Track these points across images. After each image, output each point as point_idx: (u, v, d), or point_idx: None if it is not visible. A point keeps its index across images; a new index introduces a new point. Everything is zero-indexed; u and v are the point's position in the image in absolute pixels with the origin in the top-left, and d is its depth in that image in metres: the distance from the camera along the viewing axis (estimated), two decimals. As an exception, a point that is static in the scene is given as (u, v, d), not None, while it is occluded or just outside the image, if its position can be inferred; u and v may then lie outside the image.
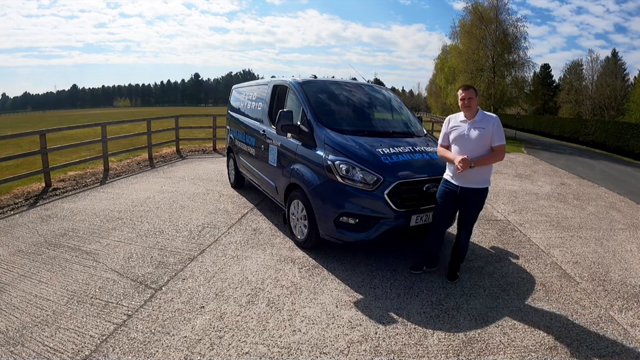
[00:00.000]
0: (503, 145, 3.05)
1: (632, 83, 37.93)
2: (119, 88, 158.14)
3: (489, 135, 3.01)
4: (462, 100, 3.07)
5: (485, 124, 3.02)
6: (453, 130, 3.16)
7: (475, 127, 3.03)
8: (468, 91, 3.06)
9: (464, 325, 2.73)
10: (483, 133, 3.01)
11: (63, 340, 2.43)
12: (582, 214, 5.80)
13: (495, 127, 3.01)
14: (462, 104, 3.08)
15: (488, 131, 3.01)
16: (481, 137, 3.01)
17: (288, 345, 2.45)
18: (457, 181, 3.11)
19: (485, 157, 3.03)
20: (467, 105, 3.04)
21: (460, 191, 3.10)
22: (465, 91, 3.07)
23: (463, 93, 3.07)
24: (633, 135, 18.81)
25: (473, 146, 3.03)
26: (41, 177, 6.61)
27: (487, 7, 23.81)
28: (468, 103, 3.04)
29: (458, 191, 3.11)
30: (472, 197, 3.12)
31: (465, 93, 3.06)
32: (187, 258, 3.69)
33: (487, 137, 3.01)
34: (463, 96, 3.06)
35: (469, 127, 3.06)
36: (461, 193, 3.10)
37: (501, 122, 3.15)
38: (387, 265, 3.65)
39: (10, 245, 3.93)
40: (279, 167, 4.37)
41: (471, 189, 3.08)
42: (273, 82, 5.09)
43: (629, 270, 3.79)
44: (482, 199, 3.20)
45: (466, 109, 3.08)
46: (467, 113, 3.09)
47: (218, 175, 7.54)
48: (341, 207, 3.39)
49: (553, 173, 9.84)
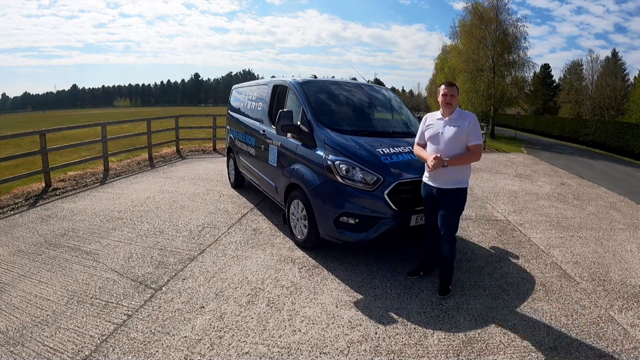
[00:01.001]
0: (480, 144, 2.96)
1: (632, 83, 37.89)
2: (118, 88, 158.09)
3: (464, 133, 2.91)
4: (444, 96, 2.97)
5: (461, 122, 2.93)
6: (429, 128, 3.06)
7: (451, 124, 2.94)
8: (452, 88, 2.99)
9: (464, 324, 2.73)
10: (458, 131, 2.91)
11: (63, 340, 2.43)
12: (582, 214, 5.80)
13: (472, 126, 2.92)
14: (443, 100, 2.98)
15: (464, 129, 2.91)
16: (456, 136, 2.91)
17: (288, 344, 2.45)
18: (433, 182, 3.01)
19: (459, 156, 2.93)
20: (448, 102, 2.96)
21: (436, 192, 3.00)
22: (449, 87, 2.99)
23: (446, 88, 2.98)
24: (633, 135, 18.83)
25: (448, 144, 2.93)
26: (41, 177, 6.61)
27: (486, 7, 23.78)
28: (449, 99, 2.96)
29: (434, 192, 3.01)
30: (448, 198, 2.97)
31: (448, 89, 2.98)
32: (187, 258, 3.69)
33: (463, 135, 2.92)
34: (446, 92, 2.97)
35: (445, 124, 2.97)
36: (438, 194, 2.99)
37: (501, 122, 3.13)
38: (387, 265, 3.65)
39: (10, 245, 3.93)
40: (278, 166, 4.37)
41: (447, 189, 2.95)
42: (272, 82, 5.09)
43: (629, 270, 3.79)
44: (459, 201, 3.03)
45: (446, 106, 2.98)
46: (445, 110, 3.00)
47: (218, 175, 7.54)
48: (341, 206, 3.39)
49: (553, 172, 9.84)
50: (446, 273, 3.16)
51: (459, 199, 3.02)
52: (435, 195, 3.01)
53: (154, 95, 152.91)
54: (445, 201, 2.98)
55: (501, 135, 25.78)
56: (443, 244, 3.04)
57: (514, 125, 29.18)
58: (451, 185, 2.95)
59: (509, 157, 13.13)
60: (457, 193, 2.99)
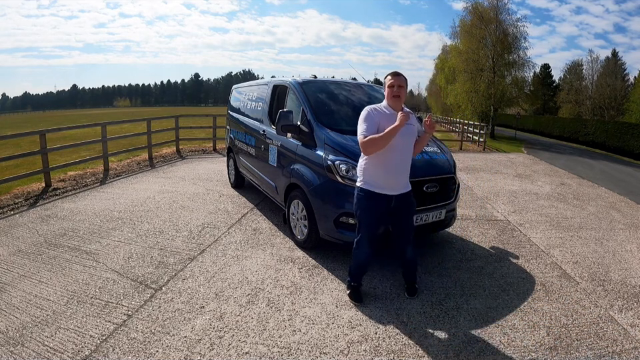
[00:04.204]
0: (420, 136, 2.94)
1: (632, 83, 37.88)
2: (118, 88, 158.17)
3: (414, 131, 2.86)
4: (391, 87, 2.69)
5: (412, 120, 2.79)
6: (386, 123, 2.63)
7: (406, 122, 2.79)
8: (400, 78, 2.70)
9: (464, 324, 2.73)
10: (412, 129, 2.79)
11: (63, 340, 2.43)
12: (582, 214, 5.80)
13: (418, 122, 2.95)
14: (390, 92, 2.69)
15: (415, 127, 2.85)
16: (411, 134, 2.81)
17: (288, 344, 2.45)
18: (391, 191, 2.75)
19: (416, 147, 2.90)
20: (397, 94, 2.68)
21: (395, 200, 2.77)
22: (397, 77, 2.70)
23: (394, 79, 2.69)
24: (633, 135, 18.82)
25: (406, 141, 2.77)
26: (41, 177, 6.61)
27: (486, 7, 23.74)
28: (398, 91, 2.68)
29: (393, 201, 2.76)
30: (407, 201, 2.84)
31: (396, 79, 2.69)
32: (187, 258, 3.69)
33: (414, 133, 2.85)
34: (393, 82, 2.68)
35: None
36: (397, 201, 2.77)
37: (501, 122, 3.13)
38: (387, 265, 3.65)
39: (10, 245, 3.93)
40: (278, 166, 4.37)
41: (407, 192, 2.83)
42: (272, 82, 5.09)
43: (629, 270, 3.79)
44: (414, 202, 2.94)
45: (395, 99, 2.70)
46: (396, 104, 2.71)
47: (218, 175, 7.54)
48: (341, 206, 3.39)
49: (553, 172, 9.84)
50: (413, 274, 3.14)
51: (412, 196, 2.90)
52: (392, 204, 2.78)
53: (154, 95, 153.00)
54: (406, 205, 2.85)
55: (501, 135, 25.77)
56: (409, 248, 2.97)
57: (514, 125, 29.17)
58: (408, 187, 2.86)
59: (508, 156, 13.13)
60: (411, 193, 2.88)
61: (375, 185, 2.75)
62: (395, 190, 2.77)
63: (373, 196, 2.75)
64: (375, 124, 2.64)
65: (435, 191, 3.57)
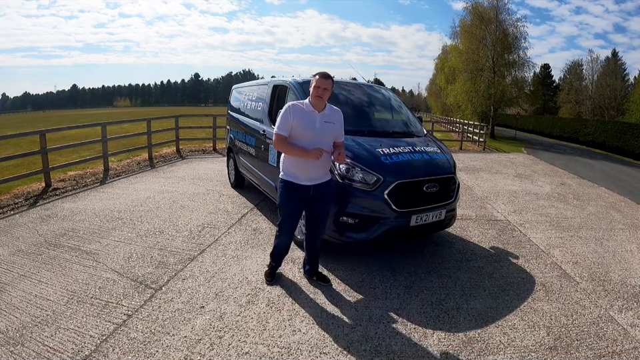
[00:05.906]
0: (344, 142, 3.04)
1: (632, 83, 37.92)
2: (118, 88, 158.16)
3: (336, 130, 2.93)
4: (317, 88, 2.79)
5: (334, 119, 2.91)
6: (301, 119, 2.81)
7: (325, 120, 2.87)
8: (328, 81, 2.81)
9: (464, 324, 2.73)
10: (332, 128, 2.89)
11: (63, 340, 2.43)
12: (582, 214, 5.80)
13: (341, 123, 2.98)
14: (316, 92, 2.80)
15: (337, 126, 2.92)
16: (331, 132, 2.89)
17: (288, 344, 2.45)
18: (308, 181, 2.89)
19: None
20: (320, 96, 2.80)
21: (313, 190, 2.91)
22: (325, 80, 2.80)
23: (322, 81, 2.80)
24: (633, 135, 18.83)
25: (323, 139, 2.86)
26: (41, 176, 6.61)
27: (486, 7, 23.76)
28: (322, 93, 2.80)
29: (310, 190, 2.91)
30: (325, 192, 2.99)
31: (324, 81, 2.80)
32: (187, 258, 3.69)
33: (335, 132, 2.93)
34: (320, 84, 2.79)
35: (320, 119, 2.86)
36: (315, 191, 2.92)
37: (501, 122, 3.13)
38: (387, 265, 3.65)
39: (10, 245, 3.93)
40: (278, 166, 4.36)
41: (325, 182, 2.96)
42: (273, 82, 5.09)
43: (629, 270, 3.79)
44: (333, 191, 3.12)
45: (318, 99, 2.82)
46: (317, 104, 2.84)
47: (218, 175, 7.54)
48: (340, 207, 3.39)
49: (553, 173, 9.84)
50: (317, 263, 3.33)
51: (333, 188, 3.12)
52: (310, 193, 2.92)
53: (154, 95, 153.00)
54: (324, 193, 3.00)
55: (501, 135, 25.78)
56: (319, 237, 3.17)
57: (514, 125, 29.18)
58: (327, 177, 3.01)
59: (509, 157, 13.13)
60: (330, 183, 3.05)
61: (293, 176, 2.92)
62: (312, 181, 2.92)
63: (292, 186, 2.92)
64: (289, 123, 2.82)
65: (435, 191, 3.57)
